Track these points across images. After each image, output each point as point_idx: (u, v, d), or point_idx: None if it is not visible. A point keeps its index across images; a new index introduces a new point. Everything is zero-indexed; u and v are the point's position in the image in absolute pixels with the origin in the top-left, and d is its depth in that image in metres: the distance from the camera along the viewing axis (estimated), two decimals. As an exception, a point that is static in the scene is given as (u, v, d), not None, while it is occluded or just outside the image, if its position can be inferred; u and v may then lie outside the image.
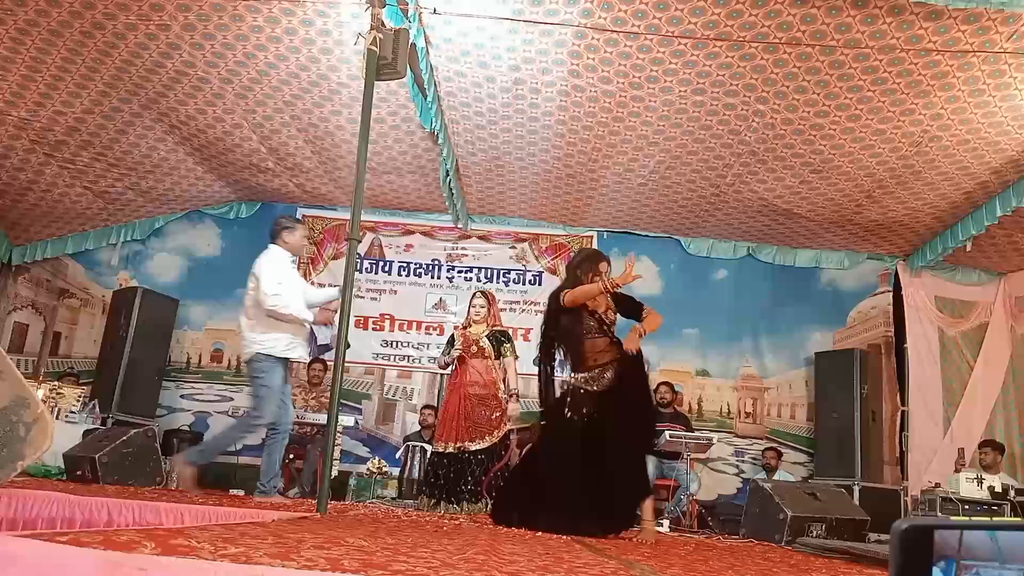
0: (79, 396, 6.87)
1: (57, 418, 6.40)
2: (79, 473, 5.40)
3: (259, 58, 5.58)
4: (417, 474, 6.62)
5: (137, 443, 5.63)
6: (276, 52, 5.50)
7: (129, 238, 8.35)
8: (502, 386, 5.75)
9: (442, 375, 7.60)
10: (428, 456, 5.88)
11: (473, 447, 5.62)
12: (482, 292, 6.09)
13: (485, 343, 5.78)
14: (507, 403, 5.71)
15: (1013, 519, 5.67)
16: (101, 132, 6.49)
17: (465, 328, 5.94)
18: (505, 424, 5.72)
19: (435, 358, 6.98)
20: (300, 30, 5.23)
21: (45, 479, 5.24)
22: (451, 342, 5.98)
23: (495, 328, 5.89)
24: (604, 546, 3.04)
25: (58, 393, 6.63)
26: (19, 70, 5.59)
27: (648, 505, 4.12)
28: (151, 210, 8.22)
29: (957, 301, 8.12)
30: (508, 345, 5.84)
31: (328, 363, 7.50)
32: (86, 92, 5.93)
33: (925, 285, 8.10)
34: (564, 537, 3.44)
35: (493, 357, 5.79)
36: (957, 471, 6.51)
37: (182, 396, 8.26)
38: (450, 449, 5.64)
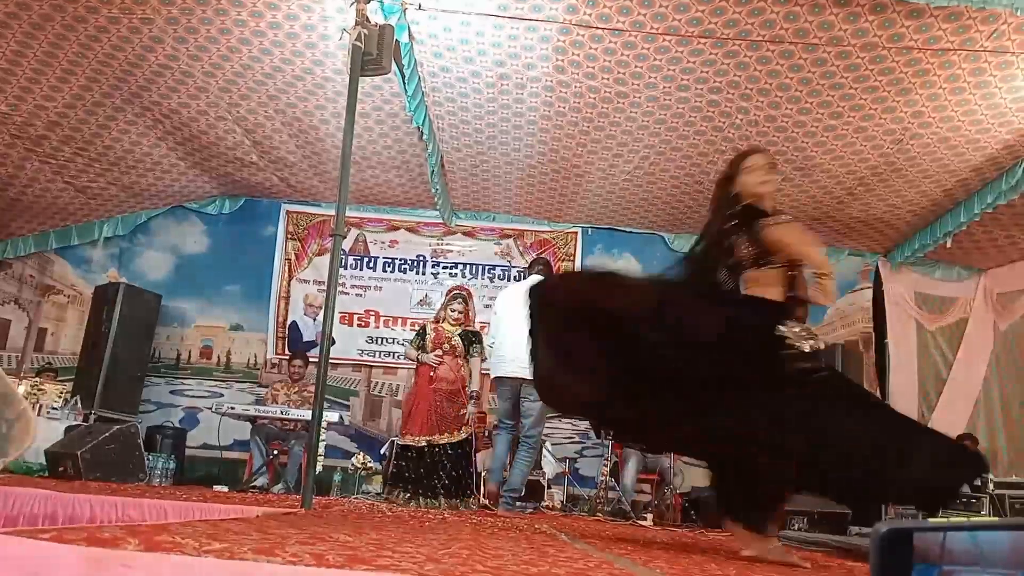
0: (61, 392, 6.81)
1: (39, 414, 6.36)
2: (61, 469, 5.37)
3: (243, 52, 5.56)
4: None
5: (120, 439, 5.61)
6: (260, 46, 5.47)
7: (111, 233, 8.29)
8: (469, 384, 5.87)
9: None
10: (395, 450, 5.92)
11: (441, 441, 5.72)
12: (459, 293, 6.11)
13: (457, 341, 5.90)
14: (469, 402, 5.85)
15: (991, 519, 5.74)
16: (83, 127, 6.44)
17: (438, 323, 6.02)
18: (471, 421, 5.84)
19: (406, 341, 6.92)
20: (284, 24, 5.21)
21: (27, 476, 5.21)
22: (421, 335, 6.03)
23: (467, 328, 5.99)
24: (590, 540, 3.05)
25: (40, 389, 6.58)
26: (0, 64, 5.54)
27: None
28: (133, 205, 8.17)
29: (937, 297, 8.20)
30: (477, 346, 5.97)
31: (309, 358, 7.50)
32: (68, 86, 5.87)
33: (905, 281, 8.18)
34: (549, 531, 3.46)
35: (463, 356, 5.91)
36: None
37: (172, 392, 8.24)
38: (421, 443, 5.73)
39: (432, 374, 5.83)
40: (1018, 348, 7.70)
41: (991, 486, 6.22)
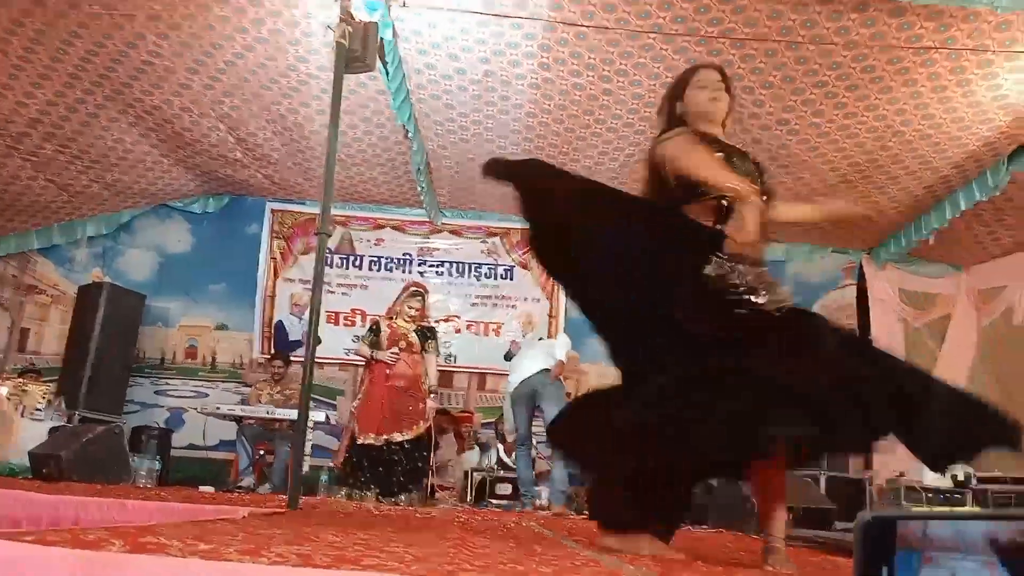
0: (44, 393, 6.75)
1: (22, 416, 6.30)
2: (45, 471, 5.32)
3: (226, 48, 5.52)
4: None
5: (104, 440, 5.56)
6: (243, 43, 5.44)
7: (95, 233, 8.22)
8: (425, 380, 5.87)
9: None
10: (354, 448, 5.87)
11: (399, 438, 5.72)
12: (418, 290, 6.12)
13: (414, 337, 5.91)
14: (429, 396, 5.88)
15: (972, 509, 5.81)
16: (64, 124, 6.38)
17: (391, 319, 6.00)
18: (428, 417, 5.85)
19: (358, 337, 6.89)
20: (268, 21, 5.18)
21: (10, 478, 5.16)
22: (375, 331, 6.00)
23: (421, 324, 5.98)
24: (578, 538, 3.06)
25: (23, 390, 6.52)
26: (-21, 61, 5.48)
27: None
28: (117, 204, 8.10)
29: (921, 293, 8.26)
30: (432, 342, 6.01)
31: (291, 358, 7.46)
32: (49, 83, 5.82)
33: (890, 278, 8.23)
34: (537, 529, 3.46)
35: (420, 352, 5.93)
36: None
37: (156, 392, 8.18)
38: (379, 442, 5.71)
39: (388, 371, 5.82)
40: (1000, 344, 7.77)
41: (974, 481, 6.29)
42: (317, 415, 6.49)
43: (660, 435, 2.13)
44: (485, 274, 8.57)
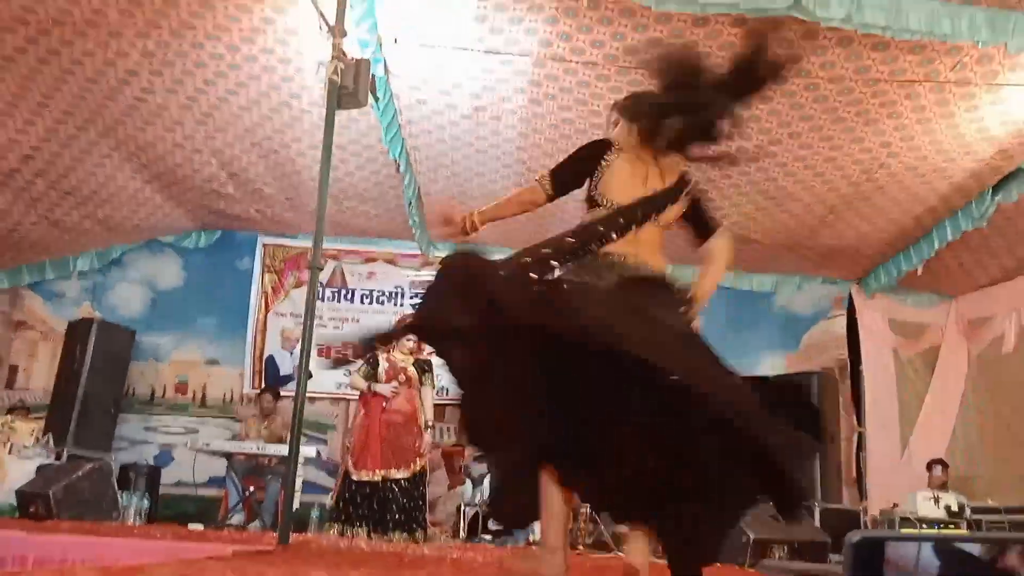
0: (32, 431, 6.69)
1: (10, 453, 6.24)
2: (32, 510, 5.26)
3: (219, 85, 5.56)
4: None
5: (92, 478, 5.50)
6: (236, 79, 5.48)
7: (85, 268, 8.19)
8: (422, 414, 5.79)
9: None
10: (348, 485, 5.75)
11: (397, 475, 5.60)
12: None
13: (412, 371, 5.81)
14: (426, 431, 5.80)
15: (956, 531, 5.79)
16: (57, 160, 6.39)
17: (389, 353, 5.94)
18: (426, 453, 5.76)
19: (349, 371, 6.73)
20: (260, 58, 5.23)
21: (-4, 516, 5.10)
22: (372, 363, 5.90)
23: (418, 357, 5.92)
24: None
25: (10, 428, 6.46)
26: (-28, 98, 5.50)
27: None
28: (108, 239, 8.09)
29: (911, 323, 8.29)
30: (428, 375, 5.90)
31: (280, 393, 7.41)
32: (41, 120, 5.84)
33: (879, 308, 8.26)
34: (528, 566, 3.42)
35: (417, 386, 5.84)
36: (943, 488, 6.70)
37: (146, 428, 8.10)
38: (374, 478, 5.59)
39: (385, 405, 5.73)
40: (991, 373, 7.78)
41: (968, 511, 6.27)
42: (308, 450, 6.42)
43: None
44: (477, 307, 8.56)
